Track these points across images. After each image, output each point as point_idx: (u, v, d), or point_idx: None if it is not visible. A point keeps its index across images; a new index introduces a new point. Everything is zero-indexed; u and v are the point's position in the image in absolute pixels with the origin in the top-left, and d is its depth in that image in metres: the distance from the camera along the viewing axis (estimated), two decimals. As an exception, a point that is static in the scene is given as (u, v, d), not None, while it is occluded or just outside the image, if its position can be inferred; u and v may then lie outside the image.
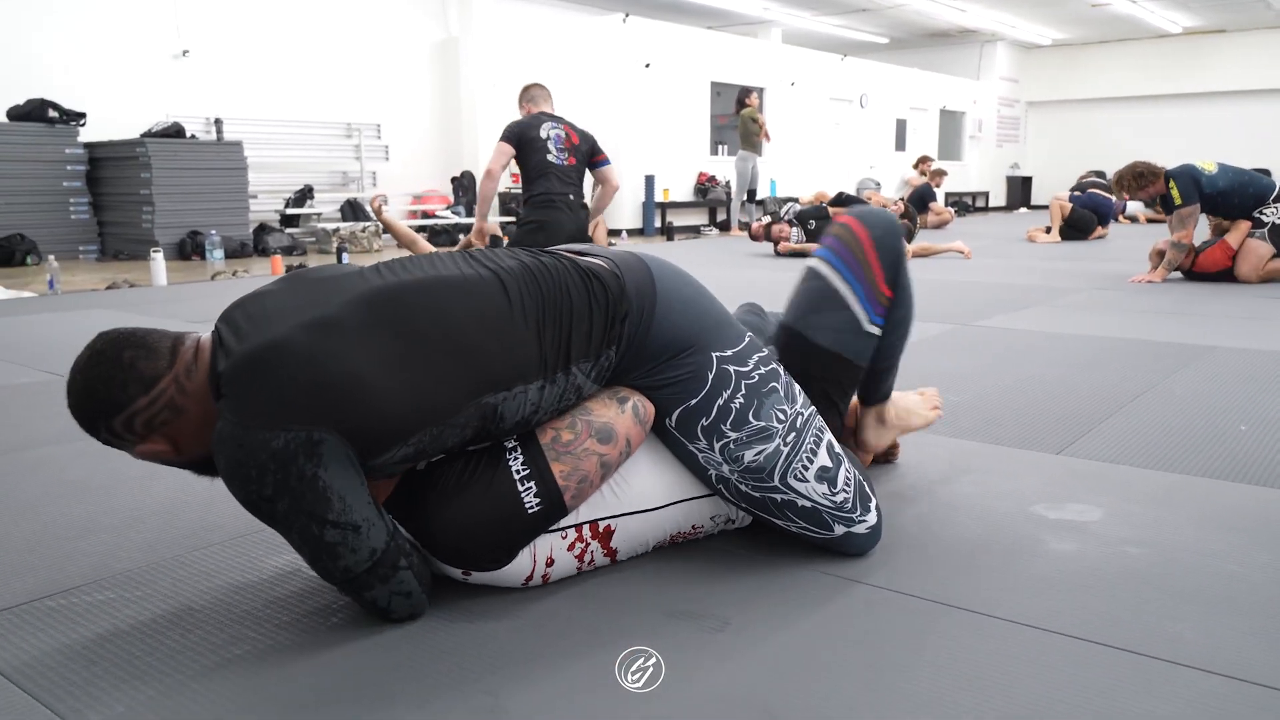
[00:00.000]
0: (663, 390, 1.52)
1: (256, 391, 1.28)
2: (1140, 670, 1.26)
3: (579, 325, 1.46)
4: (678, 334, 1.51)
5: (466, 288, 1.42)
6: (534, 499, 1.43)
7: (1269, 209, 5.48)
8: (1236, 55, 17.61)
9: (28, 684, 1.26)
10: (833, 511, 1.56)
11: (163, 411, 1.34)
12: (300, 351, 1.29)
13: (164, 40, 9.68)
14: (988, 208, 19.31)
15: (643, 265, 1.57)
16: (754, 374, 1.54)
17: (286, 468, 1.25)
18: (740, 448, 1.51)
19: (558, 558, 1.50)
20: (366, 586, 1.35)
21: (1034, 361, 3.35)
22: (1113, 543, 1.69)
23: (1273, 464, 2.14)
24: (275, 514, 1.30)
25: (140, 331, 1.39)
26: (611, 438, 1.48)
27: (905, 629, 1.38)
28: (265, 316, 1.36)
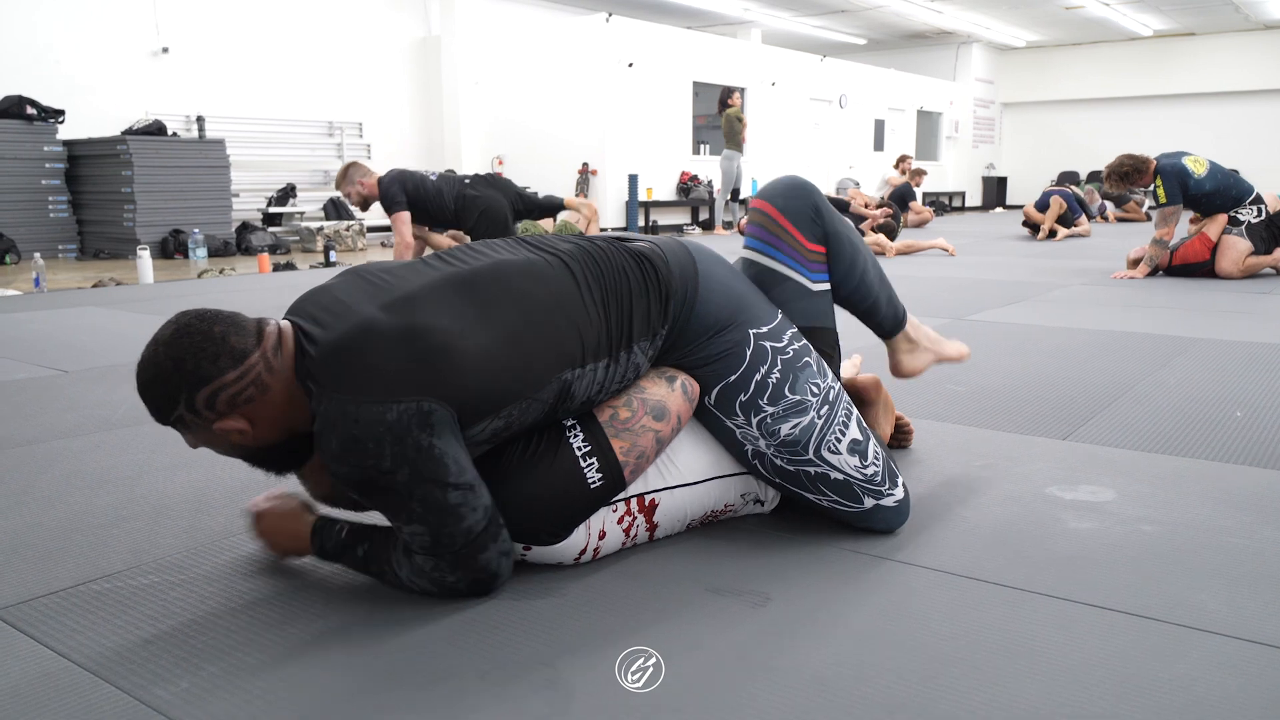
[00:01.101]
0: (704, 368, 1.57)
1: (361, 370, 1.30)
2: (1168, 636, 1.31)
3: (638, 306, 1.51)
4: (718, 313, 1.57)
5: (534, 271, 1.47)
6: (596, 474, 1.48)
7: (1244, 209, 5.63)
8: (1206, 58, 17.87)
9: (88, 663, 1.28)
10: (863, 484, 1.61)
11: (249, 388, 1.34)
12: (394, 328, 1.33)
13: (143, 37, 9.62)
14: (964, 207, 19.49)
15: (683, 247, 1.63)
16: (789, 349, 1.59)
17: (403, 439, 1.28)
18: (777, 421, 1.56)
19: (609, 530, 1.54)
20: (482, 547, 1.37)
21: (1030, 353, 3.42)
22: (1129, 521, 1.75)
23: (1270, 447, 2.21)
24: (395, 485, 1.30)
25: (223, 310, 1.40)
26: (665, 415, 1.53)
27: (941, 602, 1.43)
28: (342, 304, 1.39)
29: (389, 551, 1.42)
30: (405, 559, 1.40)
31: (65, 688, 1.22)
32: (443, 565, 1.38)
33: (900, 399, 2.58)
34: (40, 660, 1.29)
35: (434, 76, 12.32)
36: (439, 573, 1.39)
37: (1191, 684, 1.19)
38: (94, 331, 4.32)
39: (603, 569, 1.55)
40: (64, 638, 1.36)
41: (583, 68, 11.72)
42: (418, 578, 1.40)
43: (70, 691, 1.21)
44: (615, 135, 11.76)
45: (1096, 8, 15.57)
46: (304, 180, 10.93)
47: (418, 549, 1.37)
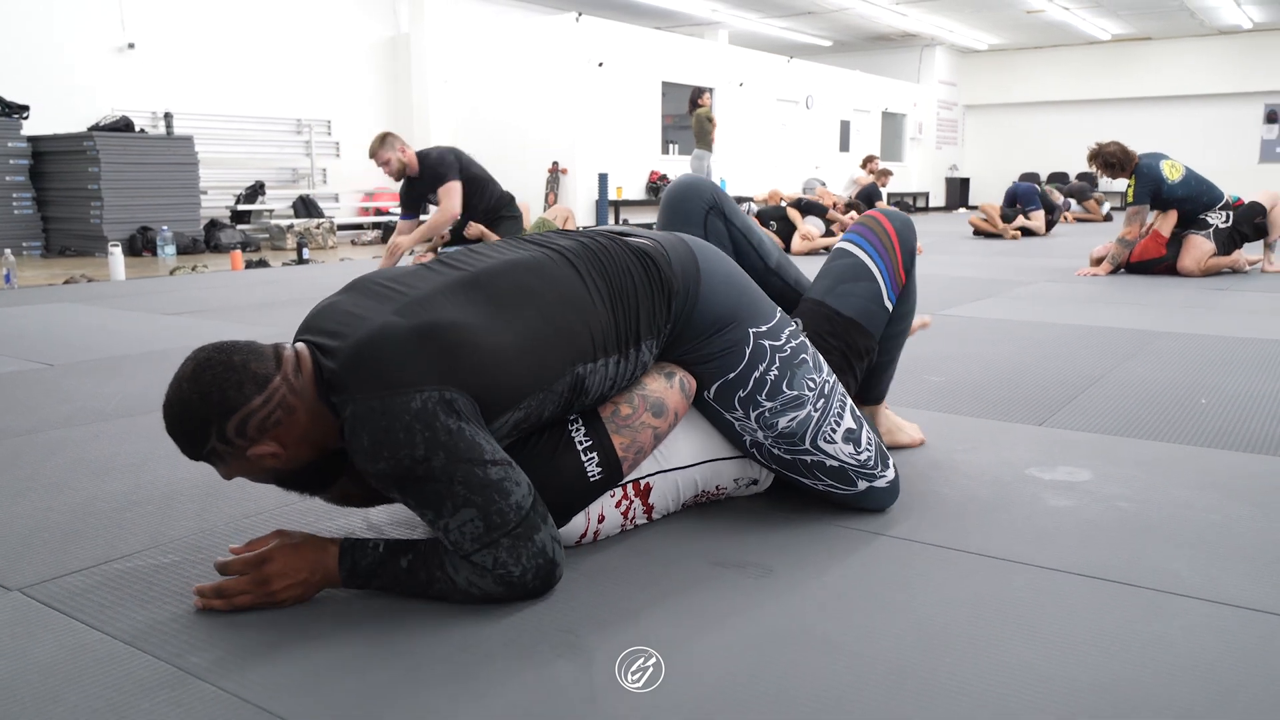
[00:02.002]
0: (704, 365, 1.62)
1: (380, 368, 1.32)
2: (1147, 600, 1.40)
3: (644, 305, 1.55)
4: (719, 311, 1.61)
5: (540, 269, 1.50)
6: (596, 468, 1.53)
7: (1214, 214, 5.81)
8: (1161, 62, 18.26)
9: (121, 634, 1.33)
10: (857, 469, 1.69)
11: (276, 411, 1.35)
12: (410, 328, 1.35)
13: (108, 32, 9.54)
14: (928, 208, 19.75)
15: (685, 245, 1.66)
16: (786, 347, 1.65)
17: (432, 424, 1.30)
18: (775, 415, 1.63)
19: (607, 514, 1.60)
20: (535, 526, 1.36)
21: (1002, 346, 3.53)
22: (1105, 499, 1.84)
23: (1234, 431, 2.32)
24: (433, 472, 1.30)
25: (239, 340, 1.41)
26: (663, 411, 1.59)
27: (935, 572, 1.51)
28: (354, 316, 1.41)
29: (440, 557, 1.37)
30: (464, 563, 1.35)
31: (103, 658, 1.26)
32: (503, 556, 1.34)
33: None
34: (74, 633, 1.34)
35: (403, 75, 12.31)
36: (502, 568, 1.34)
37: (1173, 643, 1.27)
38: (73, 327, 4.31)
39: (611, 547, 1.61)
40: (94, 612, 1.40)
41: (552, 67, 11.77)
42: (480, 579, 1.35)
43: (109, 661, 1.26)
44: (585, 134, 11.82)
45: (1057, 12, 15.86)
46: (272, 178, 10.89)
47: (471, 543, 1.33)
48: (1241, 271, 6.00)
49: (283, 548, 1.40)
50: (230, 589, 1.38)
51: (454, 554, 1.35)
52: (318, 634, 1.32)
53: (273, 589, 1.38)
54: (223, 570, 1.40)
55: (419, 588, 1.38)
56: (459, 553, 1.35)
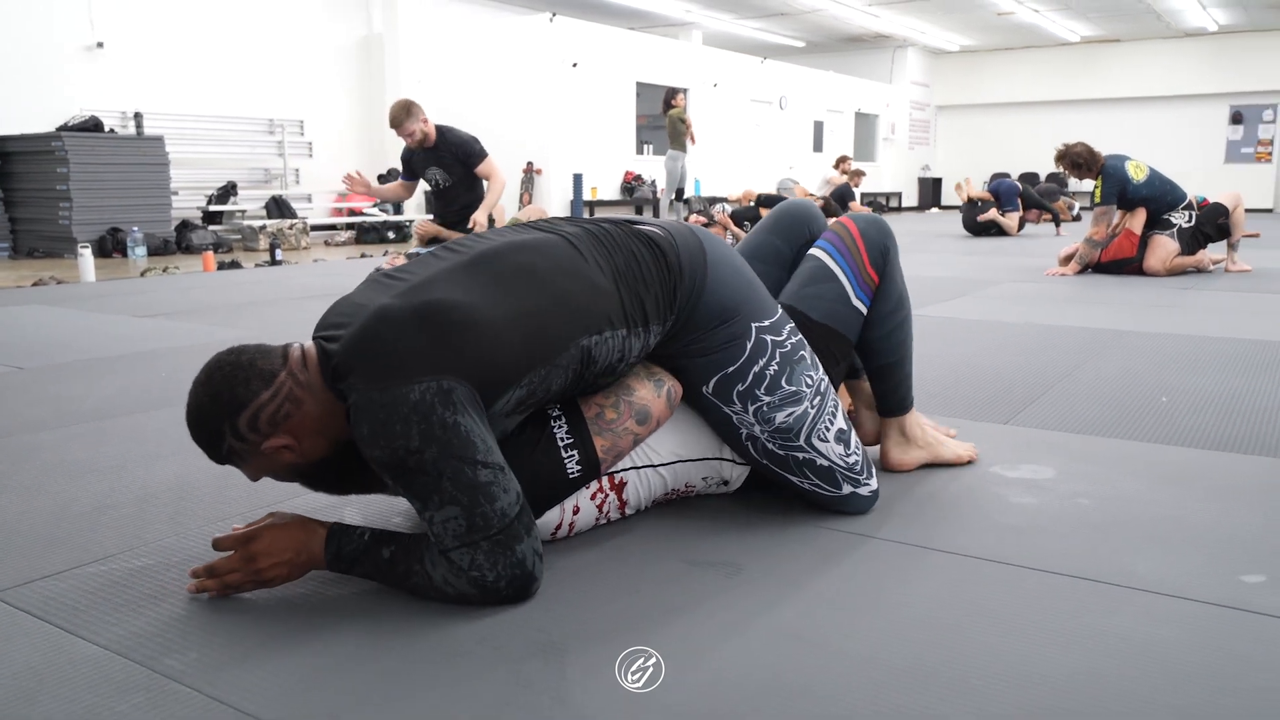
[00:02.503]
0: (704, 358, 1.63)
1: (379, 356, 1.35)
2: (1102, 594, 1.44)
3: (650, 287, 1.56)
4: (724, 303, 1.63)
5: (539, 247, 1.53)
6: (576, 466, 1.56)
7: (1177, 214, 5.91)
8: (1129, 63, 18.48)
9: (97, 638, 1.34)
10: (845, 472, 1.73)
11: (285, 404, 1.40)
12: (406, 310, 1.38)
13: (76, 31, 9.43)
14: (900, 208, 19.89)
15: (693, 235, 1.67)
16: (787, 343, 1.68)
17: (428, 417, 1.32)
18: (773, 410, 1.65)
19: (582, 507, 1.64)
20: (518, 536, 1.37)
21: (971, 345, 3.59)
22: (1067, 496, 1.89)
23: (1194, 429, 2.38)
24: (425, 464, 1.32)
25: (250, 343, 1.47)
26: (647, 419, 1.63)
27: (900, 567, 1.55)
28: (357, 305, 1.45)
29: (420, 551, 1.39)
30: (441, 559, 1.37)
31: (80, 660, 1.28)
32: (480, 559, 1.35)
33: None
34: (49, 637, 1.35)
35: (376, 75, 12.26)
36: (477, 570, 1.36)
37: (1129, 634, 1.32)
38: (43, 329, 4.29)
39: (587, 545, 1.64)
40: (69, 616, 1.41)
41: (527, 67, 11.77)
42: (455, 578, 1.37)
43: (86, 664, 1.27)
44: (560, 135, 11.83)
45: (1027, 14, 16.02)
46: (244, 178, 10.82)
47: (452, 539, 1.35)
48: (1206, 271, 6.10)
49: (271, 527, 1.44)
50: (221, 567, 1.43)
51: (434, 549, 1.38)
52: (293, 636, 1.34)
53: (259, 566, 1.41)
54: (216, 545, 1.44)
55: (398, 579, 1.41)
56: (440, 547, 1.37)
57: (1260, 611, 1.38)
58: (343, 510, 1.83)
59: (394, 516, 1.80)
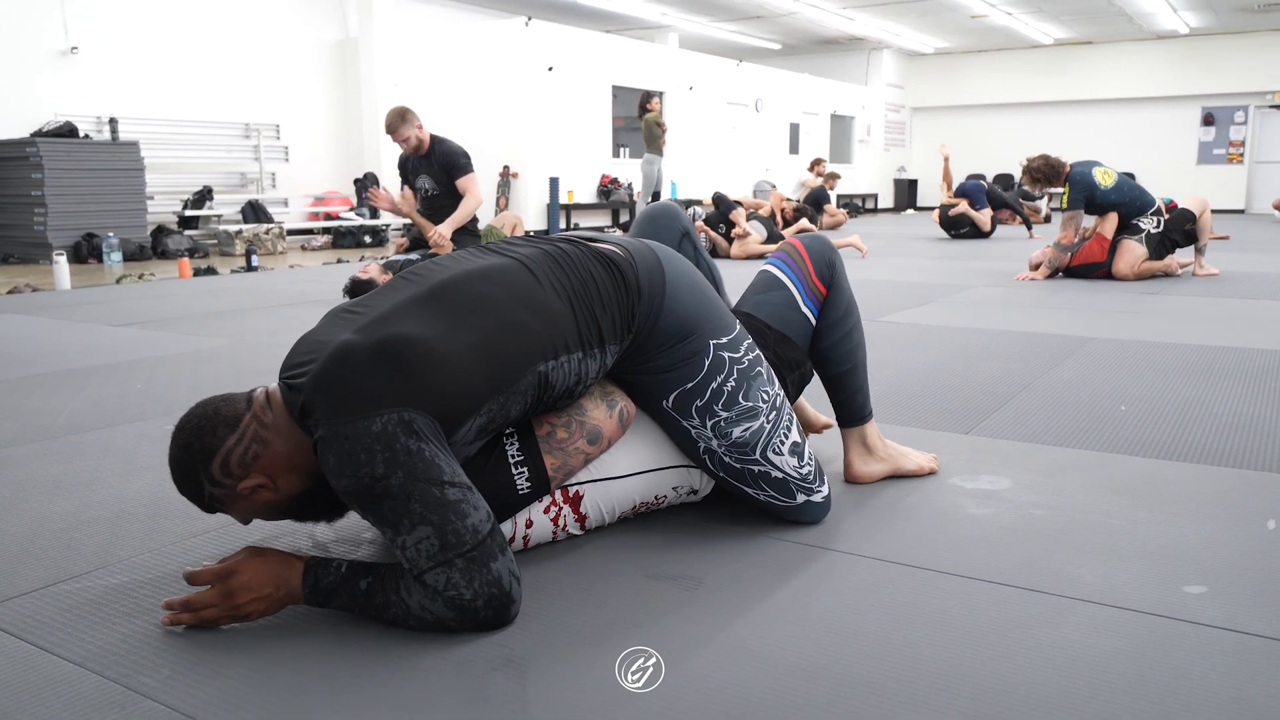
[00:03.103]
0: (664, 374, 1.68)
1: (340, 392, 1.39)
2: (1049, 606, 1.50)
3: (607, 307, 1.60)
4: (682, 322, 1.67)
5: (493, 275, 1.56)
6: (525, 483, 1.61)
7: (1146, 219, 6.01)
8: (1102, 66, 18.68)
9: (71, 655, 1.37)
10: (798, 482, 1.78)
11: (252, 445, 1.46)
12: (366, 346, 1.42)
13: (51, 36, 9.40)
14: (876, 209, 20.02)
15: (651, 254, 1.71)
16: (744, 359, 1.73)
17: (391, 445, 1.35)
18: (730, 425, 1.70)
19: (535, 520, 1.67)
20: (492, 555, 1.38)
21: (937, 352, 3.65)
22: (1021, 506, 1.94)
23: (1149, 438, 2.45)
24: (391, 489, 1.34)
25: (214, 396, 1.54)
26: (599, 440, 1.67)
27: (854, 581, 1.60)
28: (319, 342, 1.49)
29: (396, 580, 1.39)
30: (416, 584, 1.37)
31: (54, 678, 1.31)
32: (456, 577, 1.36)
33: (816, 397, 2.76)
34: (24, 655, 1.37)
35: (352, 79, 12.26)
36: (454, 589, 1.36)
37: (1070, 645, 1.37)
38: (17, 340, 4.28)
39: (548, 560, 1.68)
40: (44, 634, 1.44)
41: (503, 71, 11.79)
42: (431, 602, 1.37)
43: (60, 681, 1.30)
44: (536, 138, 11.86)
45: (1000, 17, 16.17)
46: (220, 182, 10.79)
47: (426, 560, 1.35)
48: (1174, 275, 6.21)
49: (250, 561, 1.44)
50: (197, 602, 1.43)
51: (409, 576, 1.38)
52: (262, 654, 1.37)
53: (238, 602, 1.42)
54: (191, 580, 1.44)
55: (375, 611, 1.41)
56: (414, 572, 1.37)
57: (1198, 622, 1.44)
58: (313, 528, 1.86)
59: (364, 532, 1.84)
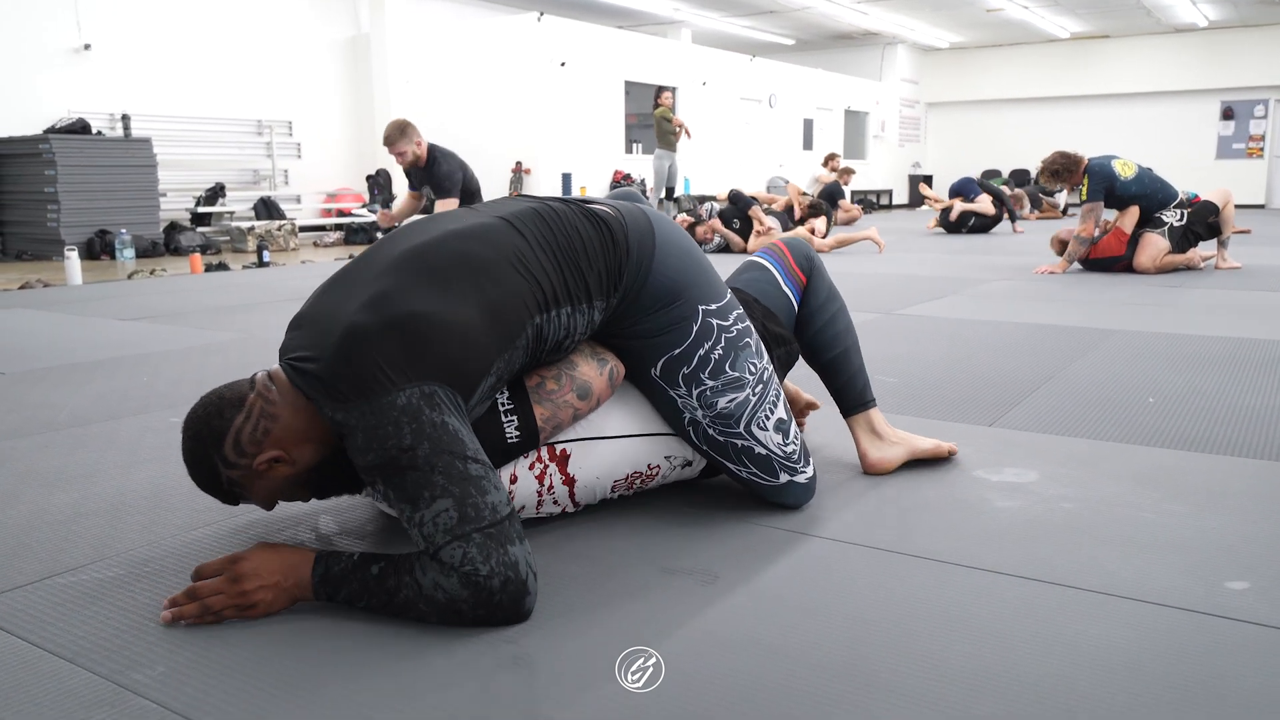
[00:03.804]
0: (652, 339, 1.66)
1: (361, 372, 1.37)
2: (1079, 601, 1.43)
3: (594, 263, 1.59)
4: (671, 285, 1.65)
5: (480, 234, 1.54)
6: (515, 431, 1.60)
7: (1169, 212, 5.91)
8: (1119, 60, 18.51)
9: (63, 651, 1.32)
10: (782, 461, 1.75)
11: (260, 420, 1.44)
12: (377, 325, 1.40)
13: (64, 33, 9.40)
14: (891, 205, 19.89)
15: (644, 216, 1.70)
16: (733, 329, 1.70)
17: (417, 417, 1.34)
18: (715, 395, 1.68)
19: (520, 475, 1.64)
20: (509, 538, 1.34)
21: (957, 345, 3.58)
22: (1049, 499, 1.87)
23: (1178, 430, 2.37)
24: (417, 460, 1.33)
25: (219, 385, 1.53)
26: (588, 395, 1.65)
27: (874, 575, 1.54)
28: (316, 321, 1.48)
29: (410, 561, 1.35)
30: (432, 562, 1.33)
31: (45, 674, 1.26)
32: (473, 552, 1.31)
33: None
34: (15, 650, 1.33)
35: (364, 75, 12.23)
36: (469, 564, 1.31)
37: (1101, 643, 1.30)
38: (27, 334, 4.25)
39: (556, 551, 1.62)
40: (36, 629, 1.39)
41: (515, 67, 11.74)
42: (445, 578, 1.32)
43: (49, 678, 1.25)
44: (548, 134, 11.81)
45: (1016, 10, 16.03)
46: (233, 179, 10.78)
47: (443, 534, 1.32)
48: (1196, 269, 6.11)
49: (259, 550, 1.42)
50: (203, 590, 1.39)
51: (424, 557, 1.34)
52: (261, 651, 1.32)
53: (245, 588, 1.37)
54: (199, 573, 1.42)
55: (386, 595, 1.36)
56: (430, 547, 1.33)
57: (1242, 619, 1.37)
58: (317, 518, 1.81)
59: (368, 525, 1.78)
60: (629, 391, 1.75)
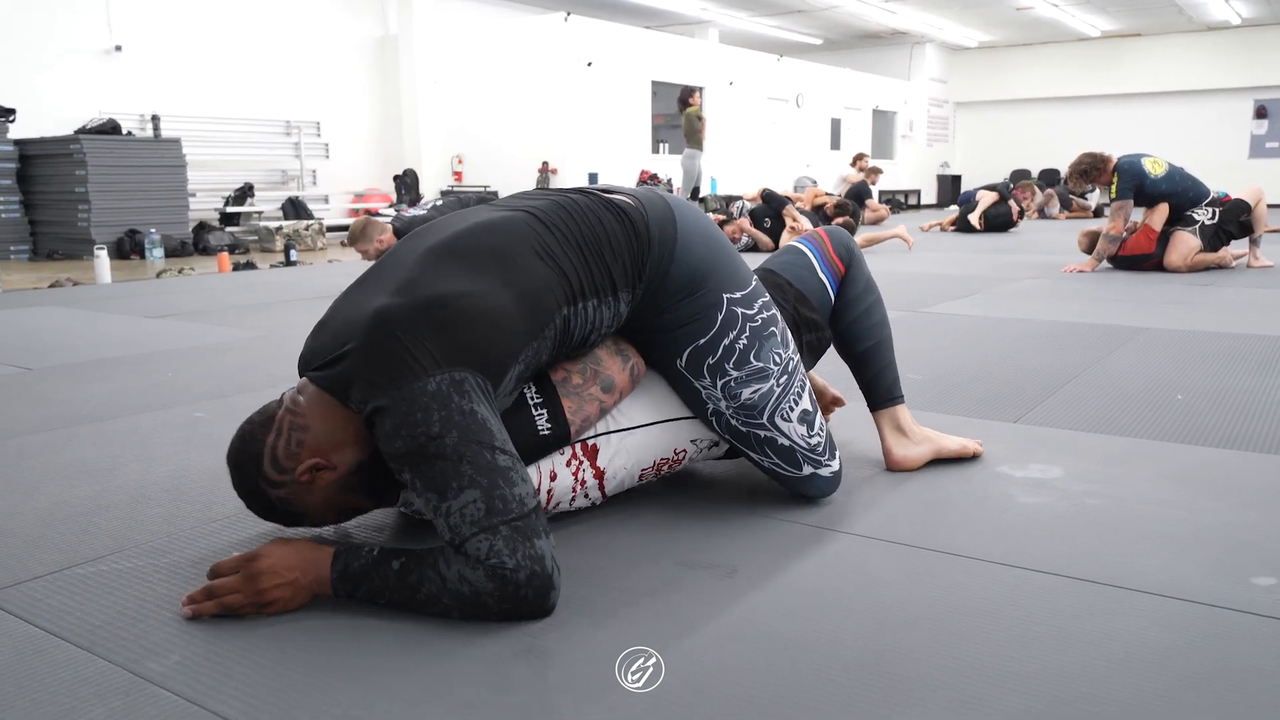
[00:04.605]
0: (677, 330, 1.65)
1: (391, 357, 1.36)
2: (1107, 597, 1.40)
3: (618, 254, 1.58)
4: (694, 273, 1.63)
5: (506, 227, 1.54)
6: (546, 424, 1.59)
7: (1200, 210, 5.83)
8: (1151, 58, 18.30)
9: (79, 640, 1.32)
10: (806, 452, 1.73)
11: (292, 434, 1.44)
12: (407, 308, 1.39)
13: (95, 35, 9.52)
14: (919, 205, 19.76)
15: (665, 204, 1.68)
16: (758, 317, 1.68)
17: (447, 404, 1.33)
18: (739, 385, 1.66)
19: (559, 472, 1.64)
20: (536, 531, 1.33)
21: (983, 343, 3.54)
22: (1074, 496, 1.84)
23: (1207, 427, 2.33)
24: (445, 449, 1.32)
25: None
26: (612, 389, 1.65)
27: (897, 570, 1.51)
28: (341, 319, 1.47)
29: (434, 556, 1.34)
30: (457, 555, 1.32)
31: (60, 662, 1.26)
32: (499, 545, 1.30)
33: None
34: (32, 638, 1.33)
35: (392, 76, 12.30)
36: (496, 557, 1.30)
37: (1125, 638, 1.27)
38: (54, 330, 4.30)
39: (575, 544, 1.61)
40: (54, 618, 1.39)
41: (542, 67, 11.76)
42: (471, 571, 1.30)
43: (65, 666, 1.25)
44: (575, 134, 11.82)
45: (1046, 9, 15.88)
46: (261, 179, 10.87)
47: (470, 526, 1.30)
48: (1228, 267, 6.01)
49: (277, 547, 1.40)
50: (220, 588, 1.37)
51: (449, 550, 1.33)
52: (275, 640, 1.31)
53: (262, 586, 1.36)
54: (216, 571, 1.41)
55: (408, 591, 1.34)
56: (456, 539, 1.31)
57: (1268, 615, 1.34)
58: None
59: (386, 518, 1.78)
60: (651, 378, 1.74)
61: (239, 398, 2.80)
